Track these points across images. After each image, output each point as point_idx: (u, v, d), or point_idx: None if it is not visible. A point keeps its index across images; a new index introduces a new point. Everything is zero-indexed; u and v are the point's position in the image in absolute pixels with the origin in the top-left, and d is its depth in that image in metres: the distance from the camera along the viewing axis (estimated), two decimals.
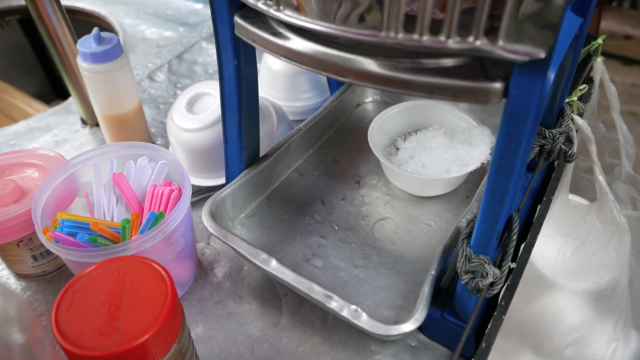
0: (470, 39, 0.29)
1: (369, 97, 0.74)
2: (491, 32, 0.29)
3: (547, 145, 0.52)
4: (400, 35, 0.31)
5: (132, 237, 0.46)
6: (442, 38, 0.30)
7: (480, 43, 0.29)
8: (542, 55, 0.28)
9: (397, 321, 0.42)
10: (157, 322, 0.33)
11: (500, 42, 0.29)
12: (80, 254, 0.42)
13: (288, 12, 0.34)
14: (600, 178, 0.58)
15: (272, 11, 0.35)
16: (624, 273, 0.63)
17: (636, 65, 2.28)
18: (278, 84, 0.74)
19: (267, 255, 0.46)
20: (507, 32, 0.28)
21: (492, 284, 0.40)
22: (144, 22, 1.06)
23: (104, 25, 1.10)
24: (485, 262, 0.39)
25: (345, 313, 0.42)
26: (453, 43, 0.30)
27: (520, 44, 0.28)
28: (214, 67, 0.92)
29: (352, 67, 0.34)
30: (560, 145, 0.53)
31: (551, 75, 0.30)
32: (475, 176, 0.61)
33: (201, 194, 0.64)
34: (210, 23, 1.05)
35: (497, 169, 0.35)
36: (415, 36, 0.30)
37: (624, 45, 2.27)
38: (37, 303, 0.54)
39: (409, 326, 0.41)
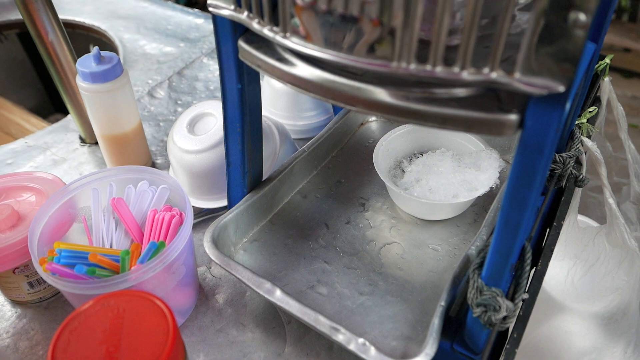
0: (486, 70, 0.28)
1: (373, 116, 0.73)
2: (507, 61, 0.28)
3: (557, 169, 0.51)
4: (413, 66, 0.29)
5: (132, 268, 0.44)
6: (456, 69, 0.29)
7: (496, 75, 0.28)
8: (562, 89, 0.27)
9: (406, 354, 0.40)
10: None
11: (517, 75, 0.28)
12: (79, 286, 0.41)
13: (295, 39, 0.33)
14: (611, 201, 0.56)
15: (279, 38, 0.34)
16: (634, 297, 0.62)
17: (636, 77, 2.28)
18: (280, 102, 0.73)
19: (271, 284, 0.45)
20: (524, 64, 0.27)
21: (505, 318, 0.39)
22: (144, 37, 1.05)
23: (104, 40, 1.09)
24: (497, 295, 0.38)
25: (352, 347, 0.41)
26: (468, 75, 0.29)
27: (538, 77, 0.27)
28: (214, 83, 0.91)
29: (361, 97, 0.33)
30: (570, 170, 0.52)
31: (568, 106, 0.29)
32: (482, 199, 0.59)
33: (202, 216, 0.63)
34: (211, 38, 1.04)
35: (511, 200, 0.34)
36: (428, 67, 0.29)
37: (624, 58, 2.28)
38: (32, 332, 0.52)
39: None
